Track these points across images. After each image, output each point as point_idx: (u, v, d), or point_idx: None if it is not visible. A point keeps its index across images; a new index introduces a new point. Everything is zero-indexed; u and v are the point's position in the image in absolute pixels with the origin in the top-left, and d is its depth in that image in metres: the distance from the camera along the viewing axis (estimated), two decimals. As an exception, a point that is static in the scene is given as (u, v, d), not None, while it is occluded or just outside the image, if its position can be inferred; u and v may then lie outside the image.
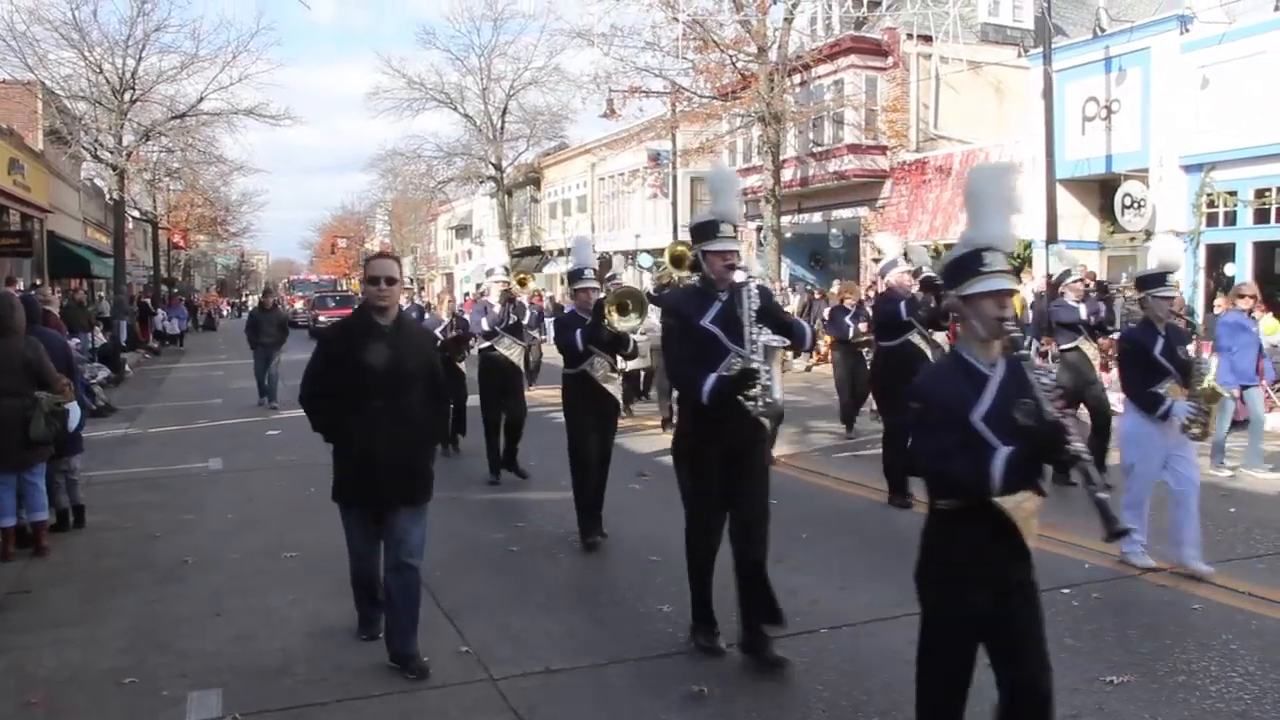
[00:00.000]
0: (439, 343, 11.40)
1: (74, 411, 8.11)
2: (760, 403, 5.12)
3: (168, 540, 8.43)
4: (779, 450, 11.12)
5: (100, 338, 24.01)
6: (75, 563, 7.80)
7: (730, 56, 25.87)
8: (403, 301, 14.39)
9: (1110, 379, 11.46)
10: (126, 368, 24.45)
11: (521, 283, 12.16)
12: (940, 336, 9.89)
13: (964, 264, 3.56)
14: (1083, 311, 10.10)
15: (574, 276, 8.39)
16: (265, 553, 7.95)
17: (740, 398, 5.12)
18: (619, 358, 8.20)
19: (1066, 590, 6.48)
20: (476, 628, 6.03)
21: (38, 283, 23.58)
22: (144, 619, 6.42)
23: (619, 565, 7.42)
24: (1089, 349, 10.16)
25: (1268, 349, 12.55)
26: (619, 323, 7.59)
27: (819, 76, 26.26)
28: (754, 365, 5.08)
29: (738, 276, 5.27)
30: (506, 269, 11.54)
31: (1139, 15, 20.11)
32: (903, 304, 9.18)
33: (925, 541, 3.61)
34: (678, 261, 12.13)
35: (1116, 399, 9.28)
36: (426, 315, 14.69)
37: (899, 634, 5.76)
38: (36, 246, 26.77)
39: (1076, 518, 8.44)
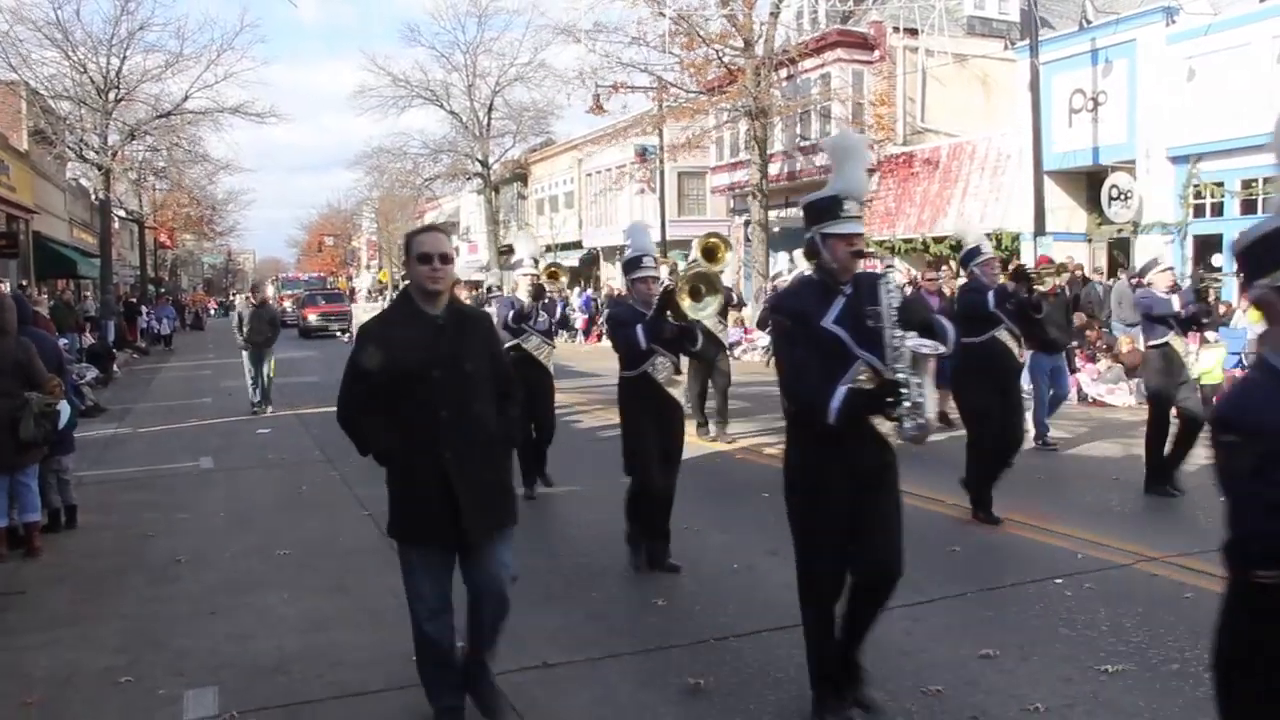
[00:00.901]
0: None
1: (64, 410, 8.09)
2: (908, 424, 4.16)
3: (160, 539, 8.41)
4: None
5: (89, 338, 23.92)
6: (68, 563, 7.78)
7: (716, 51, 25.88)
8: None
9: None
10: (115, 368, 24.36)
11: (552, 275, 11.21)
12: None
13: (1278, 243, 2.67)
14: (1175, 303, 9.15)
15: (632, 265, 7.24)
16: (258, 551, 7.94)
17: (881, 417, 4.28)
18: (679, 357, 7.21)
19: (1059, 580, 6.51)
20: (472, 623, 6.02)
21: (24, 284, 23.48)
22: (138, 618, 6.41)
23: (612, 560, 7.41)
24: (1179, 345, 9.14)
25: (1247, 340, 12.55)
26: (693, 310, 6.88)
27: (805, 71, 26.31)
28: (898, 376, 4.13)
29: (863, 266, 4.46)
30: (535, 260, 10.61)
31: (1125, 7, 20.18)
32: (990, 294, 8.34)
33: (1230, 627, 2.75)
34: (710, 254, 11.71)
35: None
36: None
37: (894, 626, 5.79)
38: (22, 247, 26.68)
39: (1066, 509, 8.52)
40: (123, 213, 43.41)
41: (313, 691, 5.12)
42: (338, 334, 37.56)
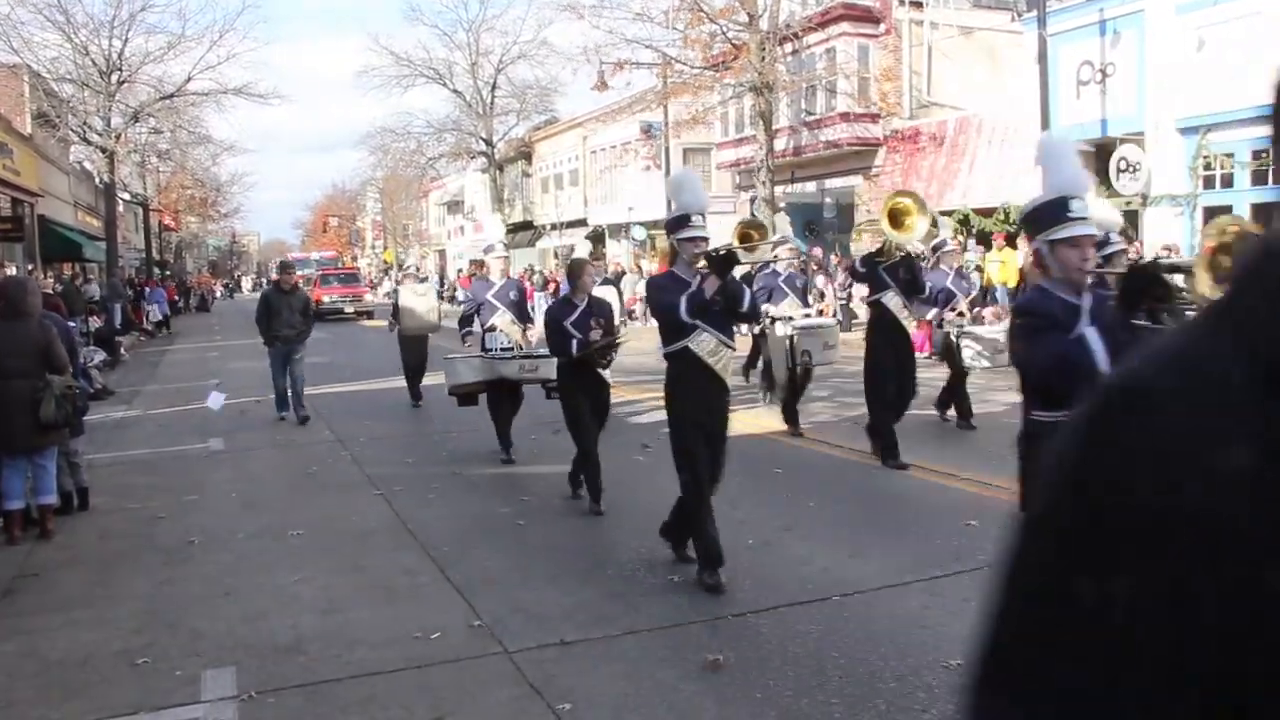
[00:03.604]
0: (585, 344, 8.02)
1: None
2: None
3: (172, 521, 8.40)
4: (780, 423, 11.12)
5: (96, 321, 23.94)
6: (81, 545, 7.78)
7: (721, 26, 25.71)
8: (495, 275, 10.44)
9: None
10: (122, 350, 24.38)
11: (747, 240, 7.77)
12: None
13: None
14: None
15: (1055, 212, 4.14)
16: (270, 532, 7.92)
17: None
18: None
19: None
20: (488, 601, 6.01)
21: (30, 268, 23.47)
22: (153, 600, 6.41)
23: (626, 537, 7.40)
24: None
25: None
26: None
27: (811, 45, 26.13)
28: None
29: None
30: (704, 214, 6.51)
31: (1133, -23, 19.99)
32: None
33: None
34: (897, 219, 8.99)
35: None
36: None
37: (912, 599, 5.80)
38: (28, 231, 26.64)
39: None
40: (127, 195, 43.30)
41: (330, 671, 5.11)
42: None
